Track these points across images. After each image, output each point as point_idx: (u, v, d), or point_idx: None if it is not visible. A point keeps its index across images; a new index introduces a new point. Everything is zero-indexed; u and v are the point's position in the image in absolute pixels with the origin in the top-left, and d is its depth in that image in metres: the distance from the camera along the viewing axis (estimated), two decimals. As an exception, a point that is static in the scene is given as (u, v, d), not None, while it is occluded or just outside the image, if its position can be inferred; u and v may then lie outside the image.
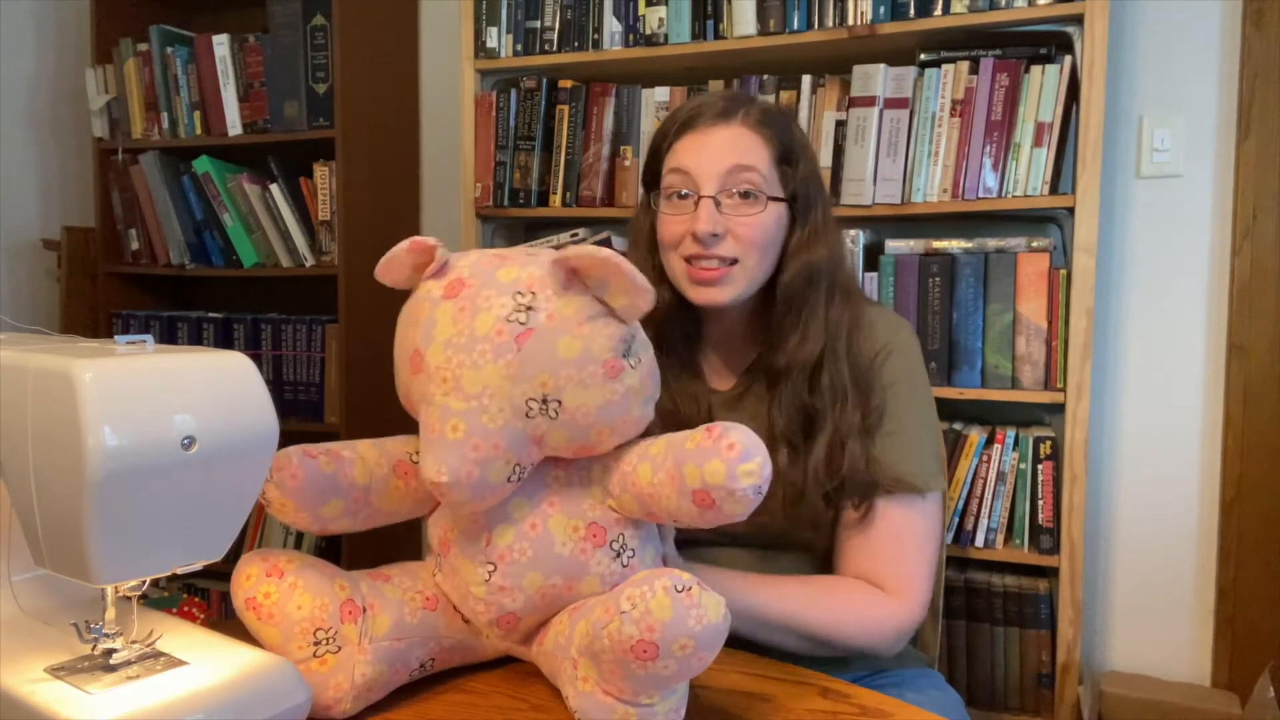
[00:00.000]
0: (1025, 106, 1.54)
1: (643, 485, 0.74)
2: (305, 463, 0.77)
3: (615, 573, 0.77)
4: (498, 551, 0.75)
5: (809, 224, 1.03)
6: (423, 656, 0.78)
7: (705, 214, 0.98)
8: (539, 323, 0.71)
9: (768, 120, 1.02)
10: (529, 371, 0.71)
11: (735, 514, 0.70)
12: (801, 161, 1.03)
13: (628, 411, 0.75)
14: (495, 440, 0.70)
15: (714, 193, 0.99)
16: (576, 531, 0.76)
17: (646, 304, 0.74)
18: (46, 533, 0.62)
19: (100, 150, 2.24)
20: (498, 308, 0.72)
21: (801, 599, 0.97)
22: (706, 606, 0.63)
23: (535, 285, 0.73)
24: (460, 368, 0.71)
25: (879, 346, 1.05)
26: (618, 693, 0.67)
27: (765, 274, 1.03)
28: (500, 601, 0.76)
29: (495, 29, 1.83)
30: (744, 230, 0.99)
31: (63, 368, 0.58)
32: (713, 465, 0.69)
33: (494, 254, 0.77)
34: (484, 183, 1.86)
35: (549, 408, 0.72)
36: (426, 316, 0.74)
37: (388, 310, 0.85)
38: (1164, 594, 1.76)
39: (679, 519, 0.73)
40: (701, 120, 1.02)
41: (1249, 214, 1.68)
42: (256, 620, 0.74)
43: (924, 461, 1.02)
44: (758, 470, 0.69)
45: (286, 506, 0.76)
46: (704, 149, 1.00)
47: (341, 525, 0.80)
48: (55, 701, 0.61)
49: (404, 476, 0.82)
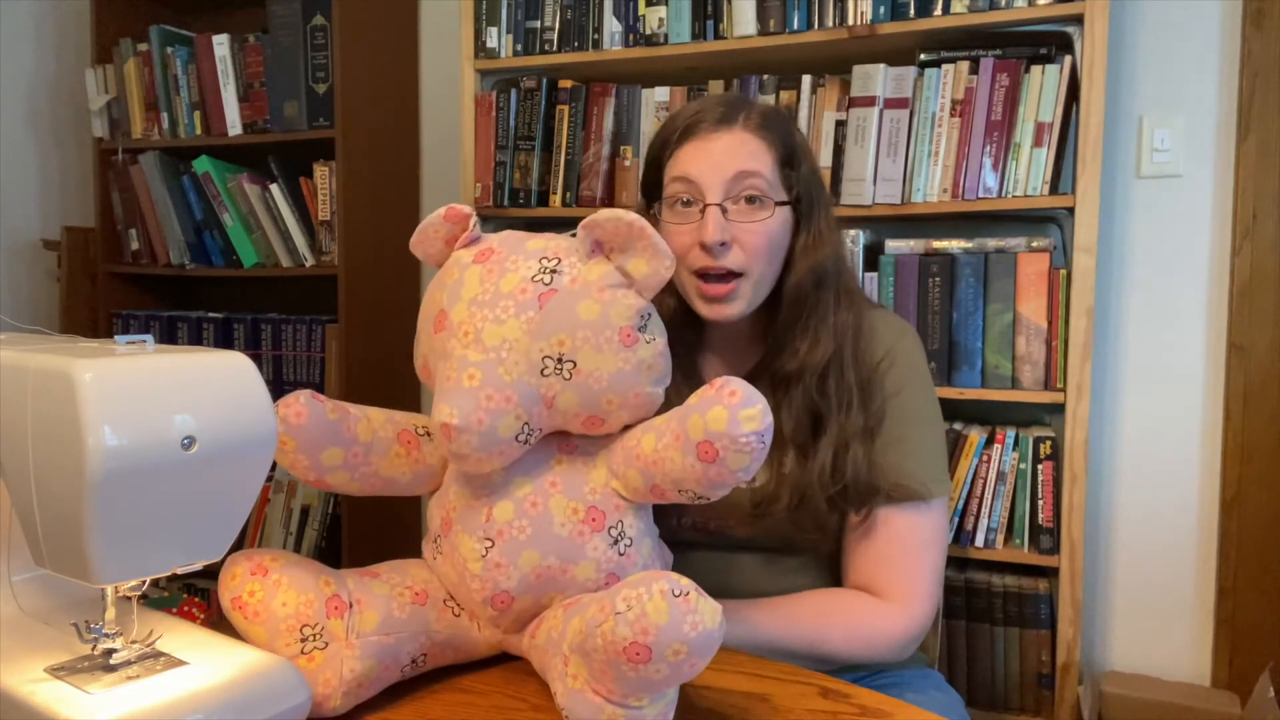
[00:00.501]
0: (1025, 106, 1.54)
1: (646, 453, 0.75)
2: (311, 404, 0.77)
3: (612, 559, 0.77)
4: (497, 527, 0.76)
5: (813, 226, 1.03)
6: (414, 652, 0.78)
7: (713, 222, 0.97)
8: (562, 284, 0.75)
9: (768, 123, 1.01)
10: (548, 329, 0.74)
11: (739, 467, 0.70)
12: (803, 163, 1.03)
13: (638, 384, 0.77)
14: (508, 393, 0.73)
15: (719, 200, 0.98)
16: (576, 514, 0.77)
17: (667, 271, 0.77)
18: (46, 533, 0.62)
19: (100, 150, 2.24)
20: (524, 269, 0.76)
21: (798, 623, 0.98)
22: (703, 612, 0.63)
23: (561, 253, 0.78)
24: (483, 322, 0.74)
25: (882, 353, 1.04)
26: (607, 693, 0.66)
27: (772, 281, 1.02)
28: (495, 578, 0.76)
29: (495, 29, 1.83)
30: (751, 239, 0.98)
31: (63, 368, 0.58)
32: (715, 412, 0.69)
33: (523, 232, 0.82)
34: (484, 183, 1.86)
35: (563, 368, 0.74)
36: (455, 280, 0.78)
37: (388, 310, 0.86)
38: (1164, 594, 1.76)
39: (683, 483, 0.73)
40: (702, 127, 1.01)
41: (1249, 214, 1.68)
42: (243, 619, 0.74)
43: (929, 468, 1.02)
44: (759, 415, 0.69)
45: (287, 445, 0.77)
46: (707, 156, 0.99)
47: (339, 479, 0.80)
48: (55, 701, 0.61)
49: (407, 445, 0.83)
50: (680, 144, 1.02)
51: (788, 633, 0.97)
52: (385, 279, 2.09)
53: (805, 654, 0.96)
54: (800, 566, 1.07)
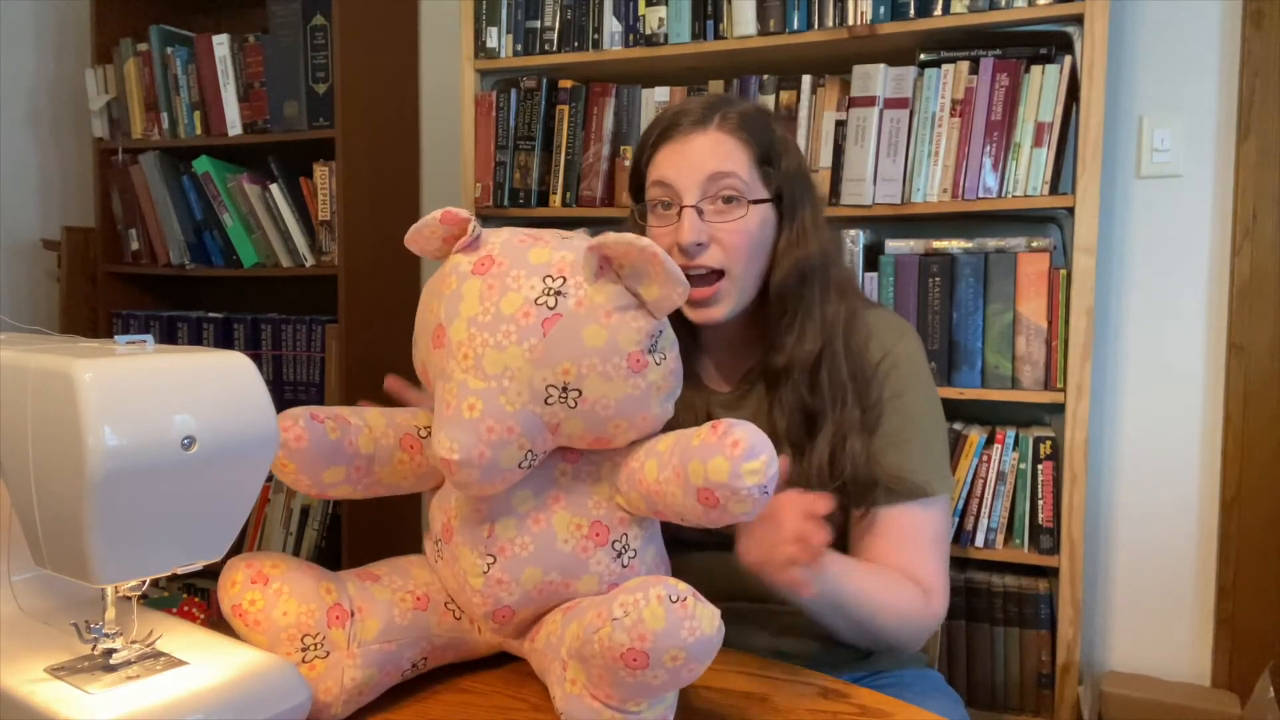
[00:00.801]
0: (1025, 106, 1.54)
1: (649, 483, 0.73)
2: (311, 426, 0.76)
3: (615, 572, 0.76)
4: (499, 544, 0.75)
5: (797, 222, 1.02)
6: (414, 657, 0.78)
7: (688, 224, 0.97)
8: (567, 308, 0.70)
9: (745, 123, 1.01)
10: (553, 358, 0.70)
11: (741, 514, 0.69)
12: (783, 159, 1.03)
13: (647, 407, 0.74)
14: (510, 424, 0.70)
15: (695, 201, 0.98)
16: (579, 529, 0.76)
17: (680, 298, 0.73)
18: (46, 533, 0.62)
19: (100, 150, 2.24)
20: (526, 289, 0.71)
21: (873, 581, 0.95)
22: (700, 618, 0.62)
23: (567, 270, 0.72)
24: (483, 347, 0.70)
25: (882, 354, 1.04)
26: (605, 698, 0.66)
27: (757, 279, 1.02)
28: (497, 594, 0.76)
29: (495, 29, 1.83)
30: (729, 238, 0.98)
31: (63, 368, 0.58)
32: (716, 463, 0.67)
33: (526, 233, 0.76)
34: (484, 183, 1.86)
35: (569, 397, 0.71)
36: (452, 291, 0.73)
37: (388, 310, 0.85)
38: (1164, 594, 1.76)
39: (686, 517, 0.72)
40: (678, 130, 1.01)
41: (1249, 214, 1.68)
42: (244, 627, 0.74)
43: (933, 466, 1.02)
44: (762, 469, 0.66)
45: (287, 468, 0.76)
46: (682, 158, 1.00)
47: (341, 491, 0.80)
48: (55, 701, 0.61)
49: (409, 450, 0.82)
50: (657, 147, 1.03)
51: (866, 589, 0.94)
52: (385, 279, 2.09)
53: (860, 620, 0.94)
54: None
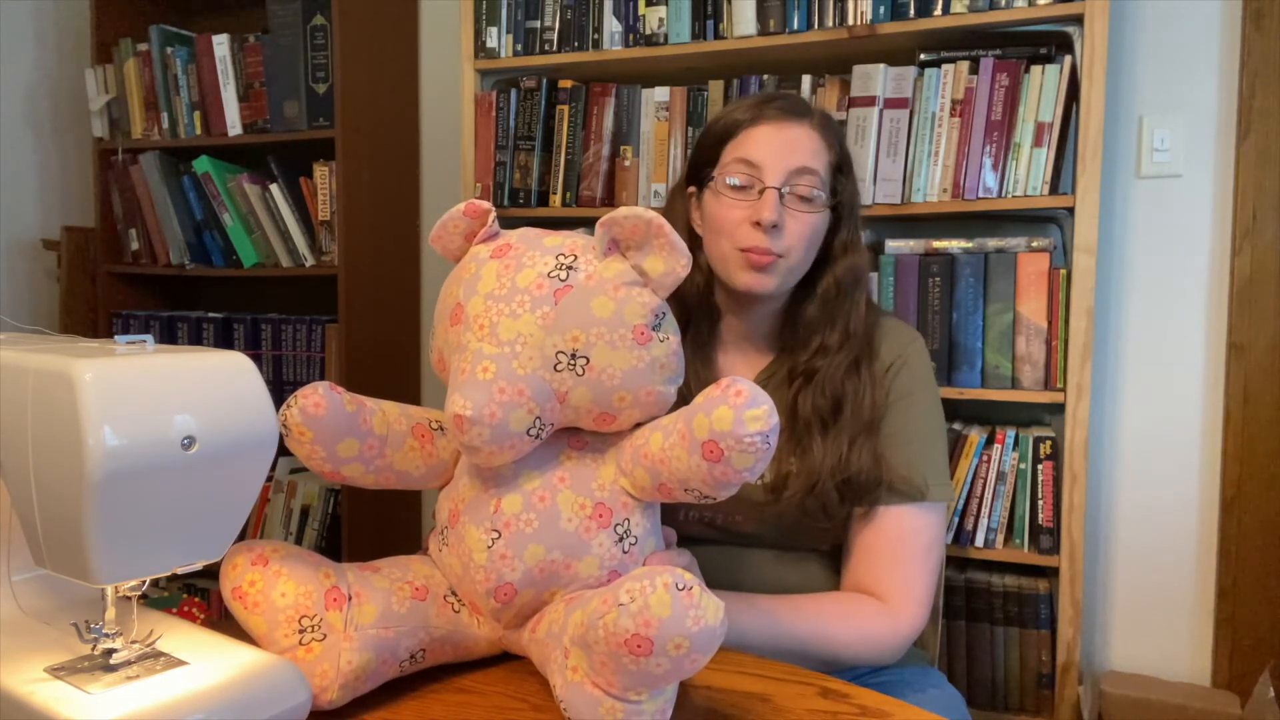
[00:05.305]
0: (1025, 106, 1.54)
1: (654, 452, 0.76)
2: (330, 395, 0.77)
3: (616, 556, 0.78)
4: (504, 519, 0.77)
5: (849, 232, 1.08)
6: (412, 647, 0.78)
7: (771, 203, 1.01)
8: (578, 281, 0.76)
9: (830, 127, 1.08)
10: (563, 324, 0.75)
11: (744, 467, 0.70)
12: (851, 172, 1.09)
13: (651, 382, 0.77)
14: (521, 386, 0.74)
15: (778, 185, 1.02)
16: (583, 509, 0.77)
17: (683, 270, 0.78)
18: (46, 533, 0.62)
19: (100, 150, 2.24)
20: (541, 265, 0.77)
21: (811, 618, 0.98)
22: (706, 608, 0.63)
23: (578, 249, 0.79)
24: (498, 316, 0.75)
25: (893, 357, 1.08)
26: (606, 686, 0.66)
27: (802, 273, 1.07)
28: (500, 569, 0.76)
29: (495, 29, 1.83)
30: (797, 226, 1.03)
31: (63, 368, 0.58)
32: (720, 412, 0.69)
33: (541, 229, 0.83)
34: (484, 183, 1.86)
35: (577, 363, 0.75)
36: (471, 274, 0.79)
37: (388, 310, 0.86)
38: (1164, 594, 1.76)
39: (690, 482, 0.73)
40: (774, 114, 1.05)
41: (1249, 214, 1.68)
42: (243, 609, 0.75)
43: (933, 471, 1.05)
44: (764, 416, 0.69)
45: (305, 436, 0.76)
46: (776, 143, 1.04)
47: (354, 470, 0.80)
48: (55, 701, 0.61)
49: (421, 439, 0.84)
50: (752, 125, 1.06)
51: (802, 626, 0.97)
52: (385, 279, 2.09)
53: (812, 650, 0.97)
54: (805, 563, 1.09)
